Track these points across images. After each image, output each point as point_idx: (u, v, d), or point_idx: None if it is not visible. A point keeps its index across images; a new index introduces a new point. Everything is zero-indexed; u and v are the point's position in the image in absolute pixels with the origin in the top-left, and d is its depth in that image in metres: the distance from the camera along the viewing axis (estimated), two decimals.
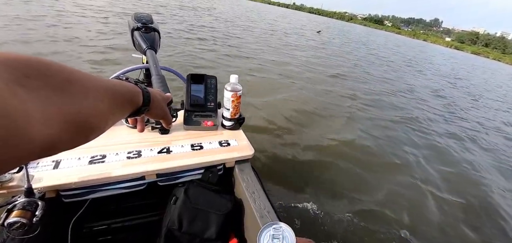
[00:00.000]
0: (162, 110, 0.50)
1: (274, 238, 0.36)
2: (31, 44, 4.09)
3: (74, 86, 0.26)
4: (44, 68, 0.23)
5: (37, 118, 0.21)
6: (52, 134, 0.23)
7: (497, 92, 10.44)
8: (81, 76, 0.28)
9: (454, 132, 4.28)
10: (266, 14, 28.38)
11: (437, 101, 6.25)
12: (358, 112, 4.18)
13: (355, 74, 7.07)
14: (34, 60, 0.23)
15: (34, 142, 0.21)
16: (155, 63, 0.93)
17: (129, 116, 0.42)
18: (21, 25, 4.99)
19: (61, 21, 5.96)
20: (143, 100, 0.42)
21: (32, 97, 0.21)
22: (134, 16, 1.07)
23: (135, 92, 0.40)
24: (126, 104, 0.38)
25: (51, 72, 0.24)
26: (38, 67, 0.23)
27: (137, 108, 0.41)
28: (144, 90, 0.43)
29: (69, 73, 0.26)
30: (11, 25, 4.87)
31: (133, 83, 0.42)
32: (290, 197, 2.01)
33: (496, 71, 24.16)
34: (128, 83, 0.40)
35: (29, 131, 0.20)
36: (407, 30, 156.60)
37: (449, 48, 79.70)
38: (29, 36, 4.44)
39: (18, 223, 0.54)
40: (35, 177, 0.65)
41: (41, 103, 0.21)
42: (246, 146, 0.95)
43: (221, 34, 8.90)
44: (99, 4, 9.61)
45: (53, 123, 0.23)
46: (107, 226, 0.94)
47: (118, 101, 0.35)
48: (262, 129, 2.93)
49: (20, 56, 0.22)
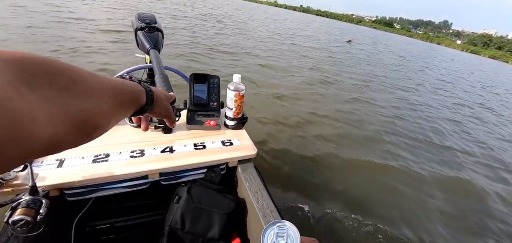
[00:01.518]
0: (166, 109, 0.50)
1: (278, 237, 0.36)
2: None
3: (78, 85, 0.26)
4: (49, 68, 0.24)
5: (42, 117, 0.21)
6: (56, 133, 0.23)
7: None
8: (86, 76, 0.28)
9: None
10: (278, 20, 25.22)
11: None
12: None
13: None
14: (40, 59, 0.23)
15: (39, 141, 0.21)
16: (159, 62, 0.93)
17: (132, 115, 0.42)
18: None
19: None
20: (146, 99, 0.42)
21: (37, 96, 0.21)
22: (138, 16, 1.07)
23: (138, 91, 0.40)
24: (129, 103, 0.38)
25: (56, 71, 0.24)
26: (44, 67, 0.23)
27: (140, 107, 0.41)
28: (147, 89, 0.43)
29: (74, 72, 0.26)
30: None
31: (137, 82, 0.42)
32: (294, 197, 2.00)
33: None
34: (132, 82, 0.40)
35: (34, 130, 0.20)
36: (419, 33, 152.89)
37: (464, 52, 75.75)
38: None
39: (23, 220, 0.54)
40: (39, 175, 0.66)
41: (46, 103, 0.22)
42: (249, 145, 0.94)
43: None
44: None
45: (58, 122, 0.23)
46: (110, 225, 0.94)
47: (121, 101, 0.35)
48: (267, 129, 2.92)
49: (26, 55, 0.22)
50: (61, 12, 6.95)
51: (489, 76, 17.50)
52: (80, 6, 8.61)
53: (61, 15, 6.59)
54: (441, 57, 27.00)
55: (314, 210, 1.90)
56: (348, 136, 3.22)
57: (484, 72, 20.38)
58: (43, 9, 6.86)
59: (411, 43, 45.11)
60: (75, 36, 4.99)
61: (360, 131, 3.46)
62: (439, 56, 26.90)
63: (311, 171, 2.38)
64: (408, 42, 47.88)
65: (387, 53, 16.10)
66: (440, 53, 34.68)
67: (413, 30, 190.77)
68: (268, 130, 2.92)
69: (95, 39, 5.14)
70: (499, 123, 5.60)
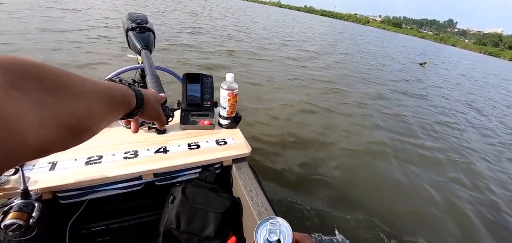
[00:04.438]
0: (156, 112, 0.51)
1: (271, 233, 0.36)
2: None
3: (68, 88, 0.26)
4: (38, 71, 0.24)
5: (31, 121, 0.21)
6: (45, 137, 0.23)
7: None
8: (75, 79, 0.28)
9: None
10: (291, 25, 21.25)
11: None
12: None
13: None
14: (29, 63, 0.23)
15: (27, 145, 0.21)
16: (150, 63, 0.93)
17: (122, 118, 0.42)
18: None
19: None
20: (136, 102, 0.42)
21: (26, 99, 0.21)
22: (129, 16, 1.06)
23: (128, 95, 0.41)
24: (119, 106, 0.38)
25: (45, 74, 0.24)
26: (32, 70, 0.23)
27: (130, 110, 0.41)
28: (138, 92, 0.43)
29: (63, 76, 0.26)
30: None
31: (127, 85, 0.42)
32: (288, 194, 2.03)
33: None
34: (122, 85, 0.40)
35: (23, 134, 0.20)
36: (431, 34, 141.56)
37: (482, 54, 68.66)
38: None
39: (15, 224, 0.54)
40: (31, 179, 0.65)
41: (35, 106, 0.22)
42: (243, 144, 0.95)
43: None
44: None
45: (47, 126, 0.23)
46: (105, 227, 0.94)
47: (111, 104, 0.35)
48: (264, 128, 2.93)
49: (15, 59, 0.22)
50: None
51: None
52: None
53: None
54: (482, 65, 23.17)
55: (307, 206, 1.93)
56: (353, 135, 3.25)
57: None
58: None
59: (431, 46, 41.14)
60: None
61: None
62: (480, 64, 23.50)
63: (307, 168, 2.41)
64: (424, 44, 44.59)
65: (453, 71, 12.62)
66: (467, 58, 32.20)
67: (422, 30, 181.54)
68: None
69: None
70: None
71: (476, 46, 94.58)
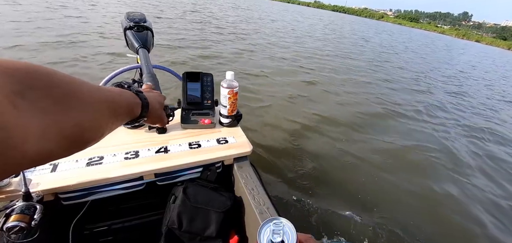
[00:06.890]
0: (158, 116, 0.51)
1: (275, 233, 0.36)
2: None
3: (75, 98, 0.26)
4: (48, 79, 0.23)
5: (34, 132, 0.21)
6: (47, 147, 0.23)
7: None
8: (82, 88, 0.28)
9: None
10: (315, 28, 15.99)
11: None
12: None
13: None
14: (41, 70, 0.23)
15: (27, 156, 0.21)
16: (147, 62, 0.93)
17: (125, 124, 0.42)
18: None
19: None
20: (141, 111, 0.42)
21: (31, 108, 0.21)
22: (127, 16, 1.06)
23: (134, 103, 0.40)
24: (124, 114, 0.38)
25: (54, 83, 0.24)
26: (43, 78, 0.23)
27: (134, 117, 0.41)
28: (144, 100, 0.43)
29: (71, 84, 0.26)
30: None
31: (134, 92, 0.42)
32: (291, 193, 2.02)
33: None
34: (129, 93, 0.40)
35: (23, 145, 0.20)
36: (451, 29, 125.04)
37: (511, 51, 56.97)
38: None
39: (17, 227, 0.54)
40: (33, 181, 0.65)
41: (40, 116, 0.22)
42: (244, 142, 0.95)
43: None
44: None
45: (50, 136, 0.23)
46: (108, 227, 0.94)
47: (117, 114, 0.35)
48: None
49: (27, 67, 0.22)
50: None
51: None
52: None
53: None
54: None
55: (310, 205, 1.92)
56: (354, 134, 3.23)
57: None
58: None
59: (457, 43, 36.05)
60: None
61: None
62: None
63: (309, 167, 2.40)
64: (448, 41, 38.82)
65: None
66: (504, 56, 28.02)
67: (439, 24, 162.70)
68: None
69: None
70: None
71: (505, 43, 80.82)
